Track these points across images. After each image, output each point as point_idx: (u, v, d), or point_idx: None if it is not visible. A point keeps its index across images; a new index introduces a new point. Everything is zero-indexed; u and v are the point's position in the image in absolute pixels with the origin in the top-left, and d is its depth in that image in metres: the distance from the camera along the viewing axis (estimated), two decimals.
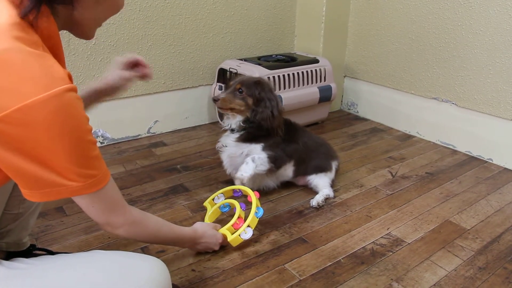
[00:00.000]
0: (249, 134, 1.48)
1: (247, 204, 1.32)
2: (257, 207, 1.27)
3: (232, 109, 1.46)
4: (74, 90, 0.68)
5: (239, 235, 1.21)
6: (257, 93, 1.44)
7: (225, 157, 1.53)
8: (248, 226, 1.23)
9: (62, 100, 0.65)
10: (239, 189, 1.38)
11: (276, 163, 1.48)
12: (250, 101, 1.44)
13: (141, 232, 0.91)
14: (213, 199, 1.40)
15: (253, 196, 1.29)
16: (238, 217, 1.26)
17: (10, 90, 0.62)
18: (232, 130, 1.51)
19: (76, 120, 0.68)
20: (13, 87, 0.62)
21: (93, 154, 0.73)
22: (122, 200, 0.83)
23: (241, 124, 1.48)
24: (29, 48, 0.65)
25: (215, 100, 1.44)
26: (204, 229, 1.18)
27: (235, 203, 1.32)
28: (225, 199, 1.39)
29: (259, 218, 1.27)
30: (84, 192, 0.73)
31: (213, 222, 1.33)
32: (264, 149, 1.47)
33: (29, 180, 0.69)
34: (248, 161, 1.44)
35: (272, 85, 1.50)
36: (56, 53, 0.75)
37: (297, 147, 1.55)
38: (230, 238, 1.21)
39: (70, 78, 0.70)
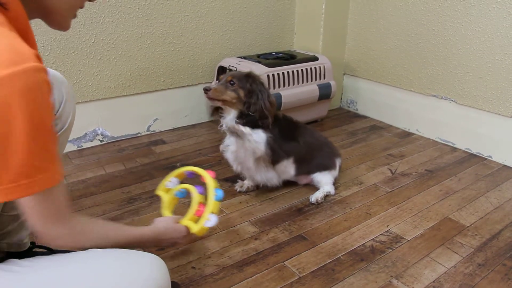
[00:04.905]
0: (247, 123, 1.44)
1: (204, 187, 1.16)
2: (215, 189, 1.12)
3: (223, 101, 1.43)
4: (44, 71, 0.63)
5: (203, 224, 1.08)
6: (249, 85, 1.43)
7: (229, 155, 1.53)
8: (211, 212, 1.09)
9: (31, 79, 0.60)
10: (191, 171, 1.22)
11: (273, 155, 1.46)
12: (241, 93, 1.43)
13: (84, 242, 0.81)
14: (165, 185, 1.23)
15: (208, 177, 1.14)
16: (199, 203, 1.12)
17: None
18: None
19: (44, 104, 0.63)
20: None
21: (51, 148, 0.67)
22: (68, 208, 0.76)
23: (236, 120, 1.45)
24: None
25: (206, 90, 1.42)
26: (165, 225, 1.06)
27: (190, 187, 1.18)
28: (179, 183, 1.23)
29: (221, 201, 1.13)
30: (33, 191, 0.66)
31: (172, 210, 1.20)
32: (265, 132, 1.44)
33: None
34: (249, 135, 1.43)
35: (262, 78, 1.49)
36: (26, 37, 0.68)
37: (296, 145, 1.54)
38: (194, 229, 1.07)
39: (39, 58, 0.64)
